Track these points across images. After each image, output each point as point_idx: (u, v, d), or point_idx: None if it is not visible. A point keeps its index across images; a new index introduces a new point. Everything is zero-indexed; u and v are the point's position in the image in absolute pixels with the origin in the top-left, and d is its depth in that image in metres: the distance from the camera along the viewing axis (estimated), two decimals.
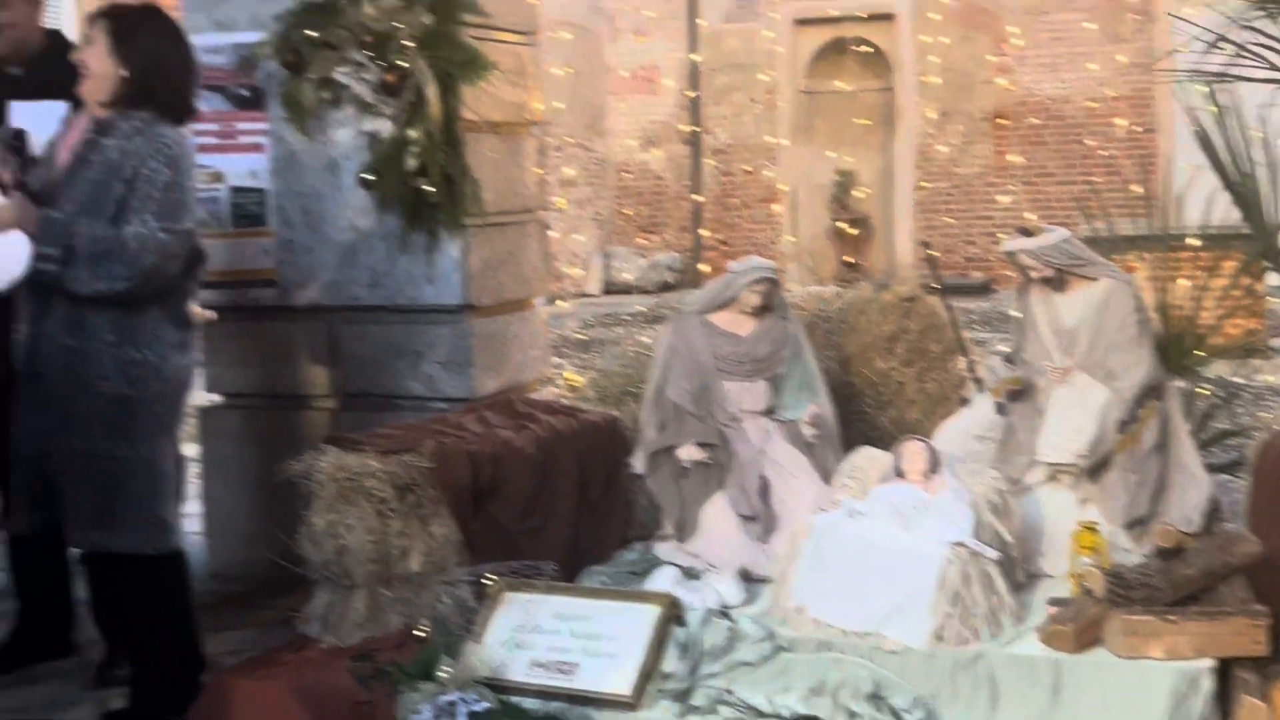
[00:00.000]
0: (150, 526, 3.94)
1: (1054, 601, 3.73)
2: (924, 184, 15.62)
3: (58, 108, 4.14)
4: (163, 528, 3.97)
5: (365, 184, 5.07)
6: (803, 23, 16.10)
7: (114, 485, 3.86)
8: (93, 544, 3.90)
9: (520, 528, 4.23)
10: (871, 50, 15.72)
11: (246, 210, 5.30)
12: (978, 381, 4.86)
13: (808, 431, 4.47)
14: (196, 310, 4.19)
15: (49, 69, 4.14)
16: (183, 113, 4.04)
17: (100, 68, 3.90)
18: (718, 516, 4.30)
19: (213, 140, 5.28)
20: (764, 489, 4.38)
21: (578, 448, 4.48)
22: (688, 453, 4.36)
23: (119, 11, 4.03)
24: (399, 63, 4.90)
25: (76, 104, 4.04)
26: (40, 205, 3.87)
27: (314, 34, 4.98)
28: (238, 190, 5.31)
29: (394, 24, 4.88)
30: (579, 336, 11.39)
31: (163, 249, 3.81)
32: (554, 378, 6.53)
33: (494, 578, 3.83)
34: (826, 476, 4.30)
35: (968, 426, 4.52)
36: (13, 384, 4.00)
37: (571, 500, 4.39)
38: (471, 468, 4.09)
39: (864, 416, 5.13)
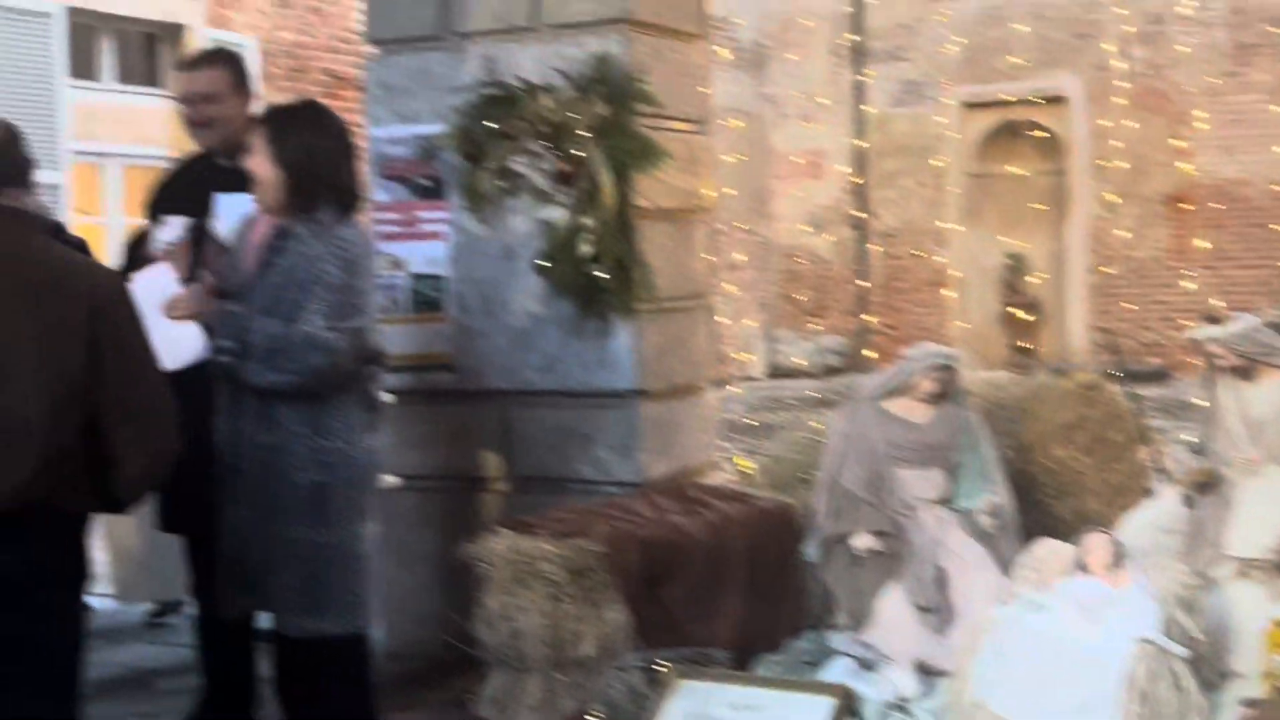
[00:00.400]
0: (352, 608, 4.02)
1: (1246, 702, 3.59)
2: (1099, 269, 15.34)
3: None
4: (362, 608, 4.05)
5: (540, 270, 5.15)
6: (972, 106, 15.99)
7: (317, 570, 3.96)
8: (304, 629, 3.97)
9: (691, 614, 4.21)
10: (1044, 133, 15.54)
11: (426, 296, 5.42)
12: (1162, 472, 4.73)
13: (985, 521, 4.40)
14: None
15: None
16: (351, 203, 4.12)
17: (264, 174, 4.02)
18: (893, 607, 4.24)
19: (395, 229, 5.43)
20: (940, 580, 4.30)
21: (749, 534, 4.46)
22: (862, 541, 4.31)
23: (273, 115, 4.16)
24: (574, 152, 4.99)
25: None
26: (221, 297, 4.02)
27: (493, 125, 5.09)
28: (417, 277, 5.43)
29: (570, 115, 4.97)
30: (745, 420, 11.37)
31: (329, 346, 3.90)
32: (723, 462, 6.51)
33: (666, 664, 3.81)
34: (1005, 568, 4.22)
35: (1153, 519, 4.40)
36: (211, 475, 4.13)
37: (743, 587, 4.36)
38: (643, 553, 4.09)
39: (1043, 506, 5.01)
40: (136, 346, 3.33)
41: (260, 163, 4.01)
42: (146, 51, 11.33)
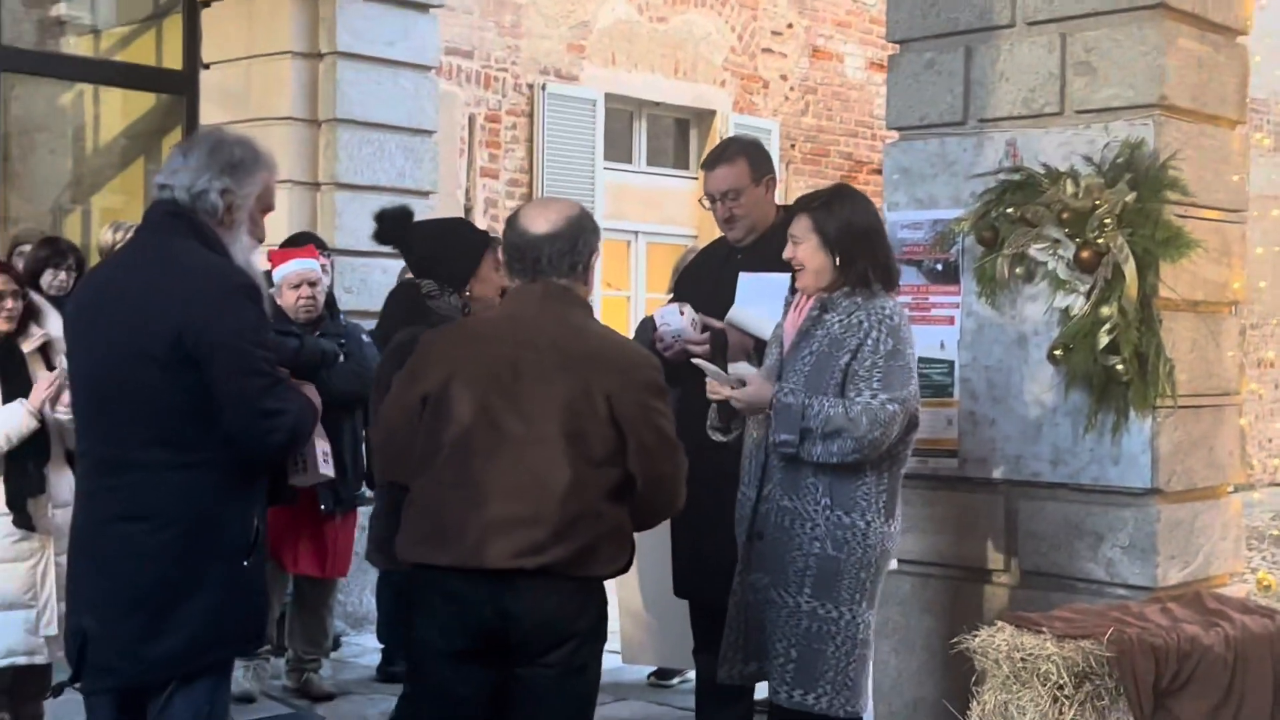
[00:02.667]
0: (844, 689, 4.04)
1: None
2: None
3: (781, 280, 4.40)
4: (855, 692, 4.07)
5: (1054, 360, 5.02)
6: None
7: (815, 644, 4.03)
8: (792, 700, 4.05)
9: None
10: None
11: (933, 380, 5.39)
12: None
13: None
14: None
15: (774, 241, 4.41)
16: (890, 279, 4.24)
17: (815, 262, 4.14)
18: None
19: (907, 311, 5.44)
20: None
21: (1274, 653, 4.15)
22: None
23: (811, 202, 4.27)
24: (1097, 240, 4.84)
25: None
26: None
27: (1012, 211, 5.03)
28: (925, 360, 5.41)
29: (1095, 201, 4.84)
30: (1271, 530, 10.60)
31: (890, 419, 3.99)
32: (1244, 573, 6.09)
33: None
34: None
35: None
36: (722, 542, 4.26)
37: (1264, 709, 4.07)
38: (1155, 662, 3.88)
39: None
40: (658, 420, 3.49)
41: (808, 250, 4.14)
42: (676, 135, 11.94)
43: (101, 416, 3.39)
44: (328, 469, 3.86)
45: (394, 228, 4.80)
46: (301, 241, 6.66)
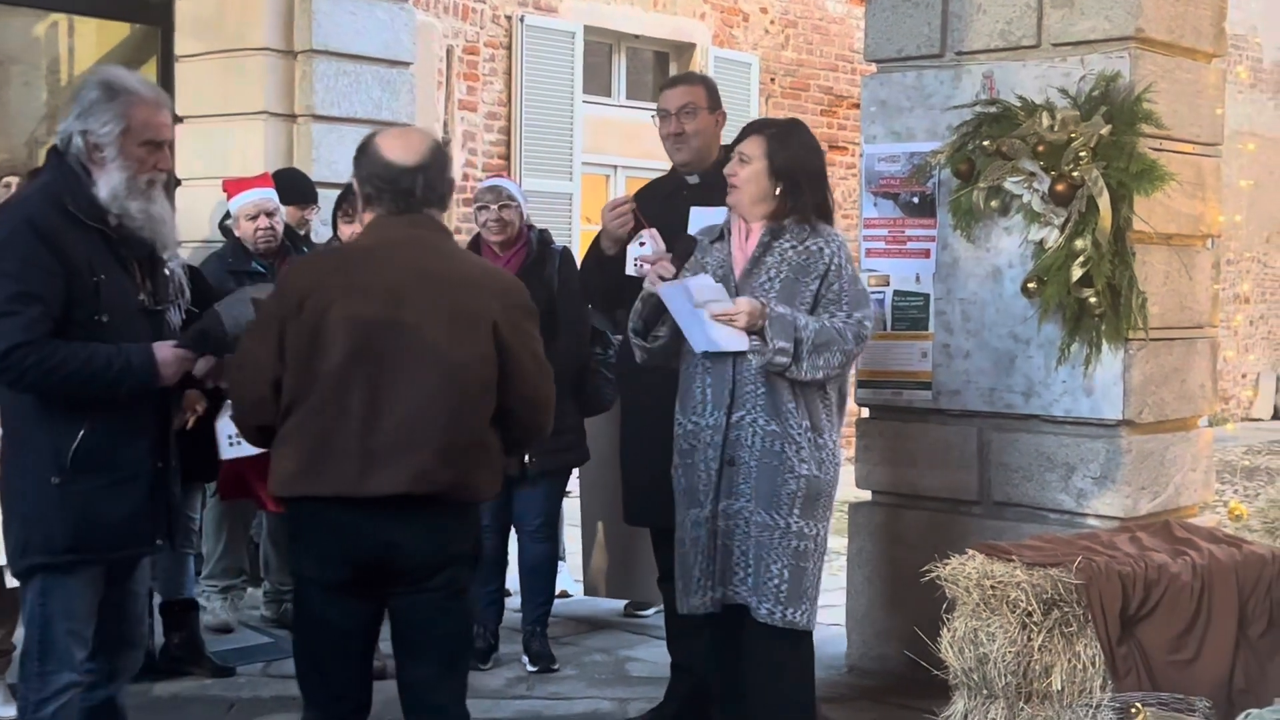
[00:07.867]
0: (814, 604, 4.18)
1: None
2: None
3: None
4: (816, 605, 4.21)
5: (1028, 292, 5.04)
6: None
7: (801, 563, 4.11)
8: (785, 619, 4.10)
9: (1170, 658, 4.01)
10: None
11: (907, 313, 5.42)
12: None
13: None
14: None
15: (719, 176, 4.43)
16: (830, 218, 4.29)
17: (757, 186, 4.17)
18: None
19: (881, 245, 5.46)
20: None
21: (1239, 580, 4.21)
22: None
23: (768, 126, 4.33)
24: (1072, 173, 4.86)
25: None
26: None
27: (988, 144, 5.04)
28: (900, 294, 5.44)
29: (1070, 134, 4.85)
30: (1244, 462, 10.70)
31: (867, 335, 4.17)
32: (1215, 504, 6.16)
33: (1141, 707, 3.66)
34: None
35: None
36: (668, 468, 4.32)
37: (1229, 635, 4.12)
38: (1122, 589, 3.94)
39: None
40: (533, 344, 3.51)
41: (753, 172, 4.17)
42: (656, 69, 11.87)
43: None
44: (232, 451, 4.05)
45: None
46: (285, 179, 6.58)
